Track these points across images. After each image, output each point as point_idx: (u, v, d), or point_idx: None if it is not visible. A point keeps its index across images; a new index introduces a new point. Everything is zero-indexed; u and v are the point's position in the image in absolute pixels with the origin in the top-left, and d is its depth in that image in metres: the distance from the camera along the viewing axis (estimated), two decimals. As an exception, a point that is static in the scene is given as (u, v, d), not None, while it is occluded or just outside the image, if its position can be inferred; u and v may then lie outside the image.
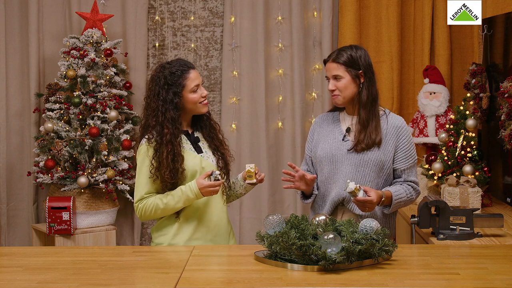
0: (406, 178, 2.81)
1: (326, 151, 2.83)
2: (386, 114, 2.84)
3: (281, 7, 4.48)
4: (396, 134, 2.79)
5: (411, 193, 2.80)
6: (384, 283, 2.12)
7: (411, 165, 2.82)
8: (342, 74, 2.77)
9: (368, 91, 2.78)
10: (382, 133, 2.78)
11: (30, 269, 2.34)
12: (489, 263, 2.34)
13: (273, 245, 2.33)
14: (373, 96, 2.79)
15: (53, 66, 4.39)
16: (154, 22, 4.56)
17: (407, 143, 2.80)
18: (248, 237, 4.48)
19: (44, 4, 4.46)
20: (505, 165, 3.71)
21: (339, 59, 2.77)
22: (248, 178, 2.83)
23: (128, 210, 4.54)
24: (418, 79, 4.41)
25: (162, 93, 2.73)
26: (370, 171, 2.76)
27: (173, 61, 2.81)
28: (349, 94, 2.78)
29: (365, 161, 2.76)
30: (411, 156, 2.82)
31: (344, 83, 2.77)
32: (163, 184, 2.73)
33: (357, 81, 2.77)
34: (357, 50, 2.79)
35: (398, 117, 2.86)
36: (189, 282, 2.16)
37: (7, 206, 4.48)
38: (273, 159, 4.53)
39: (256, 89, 4.49)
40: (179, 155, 2.72)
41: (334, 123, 2.87)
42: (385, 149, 2.77)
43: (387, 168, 2.79)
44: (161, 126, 2.72)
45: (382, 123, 2.80)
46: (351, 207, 2.78)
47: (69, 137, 4.05)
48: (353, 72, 2.76)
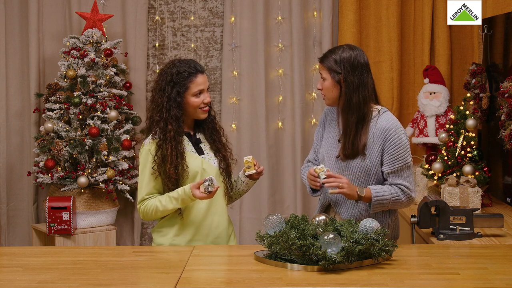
0: (392, 181, 2.69)
1: (323, 153, 2.83)
2: (379, 115, 2.72)
3: (281, 7, 4.48)
4: (383, 137, 2.68)
5: (397, 194, 2.67)
6: (384, 283, 2.12)
7: (397, 168, 2.67)
8: (325, 75, 2.73)
9: (346, 96, 2.68)
10: (369, 137, 2.69)
11: (30, 269, 2.35)
12: (489, 263, 2.34)
13: (273, 245, 2.33)
14: (354, 102, 2.67)
15: (53, 66, 4.39)
16: (154, 22, 4.56)
17: (394, 145, 2.66)
18: (248, 237, 4.48)
19: (44, 4, 4.46)
20: (505, 165, 3.71)
21: (323, 60, 2.73)
22: (247, 169, 2.80)
23: (128, 210, 4.54)
24: (418, 79, 4.41)
25: (167, 89, 2.74)
26: (355, 177, 2.71)
27: (185, 60, 2.80)
28: (332, 96, 2.73)
29: (350, 168, 2.71)
30: (398, 159, 2.67)
31: (326, 85, 2.72)
32: (166, 179, 2.72)
33: (338, 85, 2.70)
34: (344, 53, 2.69)
35: (389, 118, 2.71)
36: (189, 282, 2.16)
37: (7, 206, 4.48)
38: (273, 159, 4.53)
39: (256, 89, 4.49)
40: (182, 153, 2.72)
41: (334, 122, 2.83)
42: (371, 154, 2.69)
43: (374, 173, 2.70)
44: (165, 123, 2.72)
45: (371, 127, 2.70)
46: (338, 211, 2.76)
47: (69, 137, 4.05)
48: (336, 76, 2.69)
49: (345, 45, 2.77)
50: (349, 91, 2.68)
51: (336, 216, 2.78)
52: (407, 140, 2.72)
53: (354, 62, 2.69)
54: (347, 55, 2.69)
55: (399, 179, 2.68)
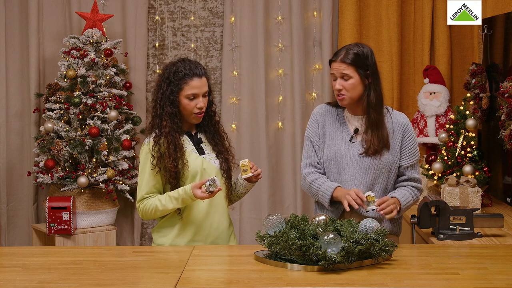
0: (410, 175, 2.80)
1: (334, 152, 2.79)
2: (390, 112, 2.81)
3: (281, 7, 4.48)
4: (402, 132, 2.78)
5: (416, 194, 2.80)
6: (384, 283, 2.12)
7: (415, 161, 2.81)
8: (351, 74, 2.70)
9: (376, 91, 2.74)
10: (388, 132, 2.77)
11: (30, 269, 2.34)
12: (489, 263, 2.34)
13: (273, 245, 2.33)
14: (381, 96, 2.76)
15: (53, 66, 4.39)
16: (154, 22, 4.56)
17: (411, 139, 2.80)
18: (248, 237, 4.48)
19: (44, 4, 4.46)
20: (505, 165, 3.71)
21: (348, 58, 2.70)
22: (243, 173, 2.77)
23: (128, 210, 4.54)
24: (418, 79, 4.41)
25: (163, 86, 2.74)
26: (380, 173, 2.74)
27: (189, 61, 2.77)
28: (356, 94, 2.73)
29: (376, 165, 2.73)
30: (415, 153, 2.81)
31: (352, 83, 2.71)
32: (167, 175, 2.71)
33: (365, 81, 2.73)
34: (364, 49, 2.74)
35: (401, 114, 2.84)
36: (189, 282, 2.16)
37: (7, 206, 4.48)
38: (273, 159, 4.53)
39: (256, 89, 4.49)
40: (181, 147, 2.72)
41: (340, 122, 2.82)
42: (393, 149, 2.77)
43: (394, 168, 2.79)
44: (160, 119, 2.73)
45: (387, 122, 2.78)
46: (360, 210, 2.69)
47: (69, 137, 4.05)
48: (362, 73, 2.71)
49: (358, 43, 2.79)
50: (376, 86, 2.74)
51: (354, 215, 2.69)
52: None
53: (373, 58, 2.76)
54: (368, 51, 2.74)
55: (415, 172, 2.83)
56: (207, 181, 2.60)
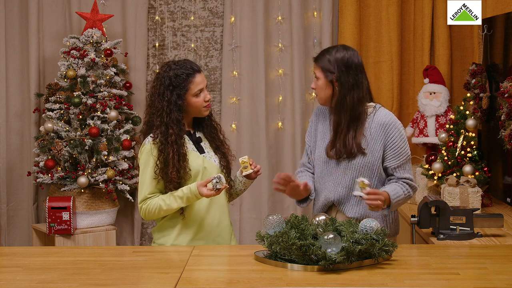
0: (399, 176, 2.74)
1: (320, 152, 2.82)
2: (375, 111, 2.75)
3: (281, 7, 4.48)
4: (384, 132, 2.71)
5: (408, 190, 2.73)
6: (384, 283, 2.12)
7: (402, 162, 2.73)
8: (318, 75, 2.74)
9: (340, 96, 2.70)
10: (366, 132, 2.71)
11: (30, 269, 2.35)
12: (489, 263, 2.34)
13: (273, 245, 2.33)
14: (348, 102, 2.69)
15: (53, 66, 4.39)
16: (154, 22, 4.56)
17: (396, 139, 2.71)
18: (248, 237, 4.48)
19: (44, 4, 4.46)
20: (505, 165, 3.71)
21: (317, 60, 2.75)
22: (244, 169, 2.80)
23: (128, 210, 4.54)
24: (418, 79, 4.41)
25: (166, 94, 2.73)
26: (360, 174, 2.71)
27: (180, 62, 2.78)
28: (324, 95, 2.74)
29: (354, 166, 2.72)
30: (402, 153, 2.73)
31: (319, 84, 2.74)
32: (168, 184, 2.72)
33: (331, 85, 2.72)
34: (338, 53, 2.71)
35: (387, 113, 2.75)
36: (189, 282, 2.16)
37: (7, 206, 4.48)
38: (273, 159, 4.53)
39: (256, 89, 4.49)
40: (184, 155, 2.72)
41: (330, 123, 2.82)
42: (373, 149, 2.71)
43: (377, 169, 2.73)
44: (166, 127, 2.71)
45: (368, 123, 2.73)
46: (342, 209, 2.76)
47: (69, 137, 4.05)
48: (329, 76, 2.71)
49: (340, 46, 2.79)
50: (343, 91, 2.70)
51: (339, 215, 2.78)
52: (405, 133, 2.81)
53: (348, 62, 2.70)
54: (340, 55, 2.71)
55: (405, 172, 2.75)
56: (213, 179, 2.62)
